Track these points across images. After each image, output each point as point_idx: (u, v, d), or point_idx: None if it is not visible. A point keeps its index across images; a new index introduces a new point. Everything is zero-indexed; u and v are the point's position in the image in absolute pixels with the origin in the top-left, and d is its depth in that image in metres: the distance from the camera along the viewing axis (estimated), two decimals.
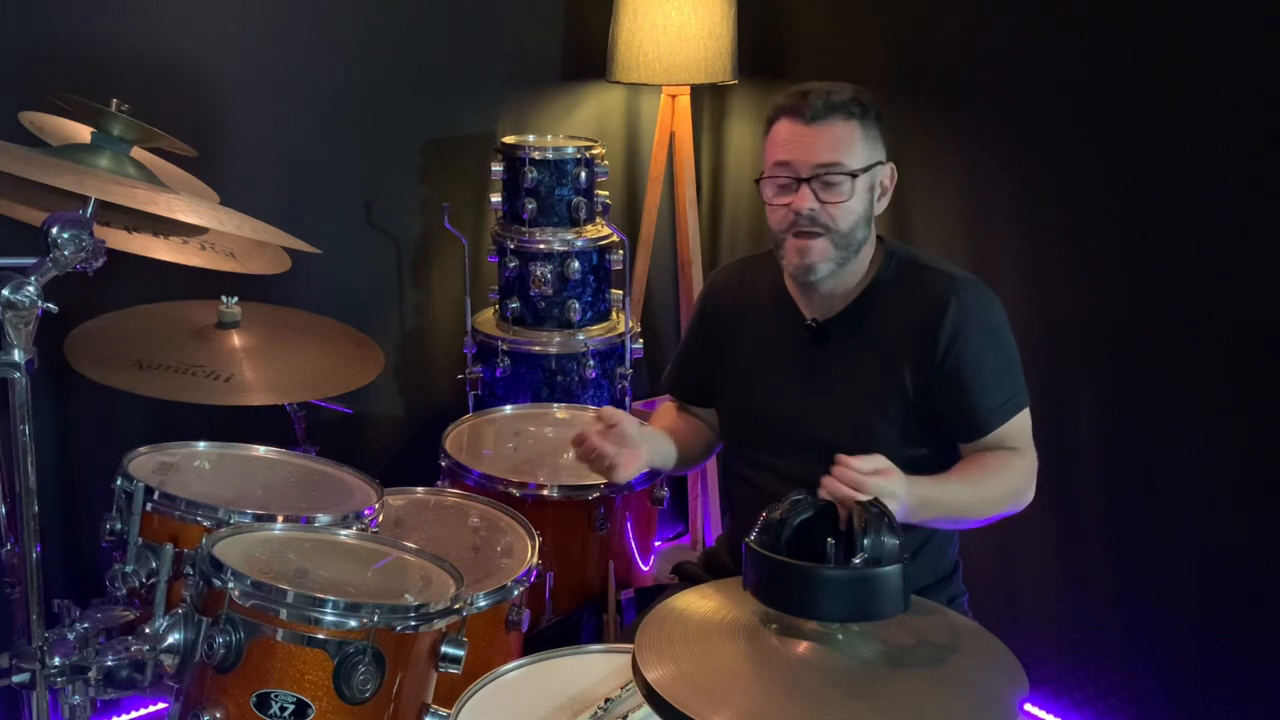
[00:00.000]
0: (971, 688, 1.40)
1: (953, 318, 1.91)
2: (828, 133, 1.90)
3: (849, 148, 1.91)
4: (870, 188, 1.95)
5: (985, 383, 1.91)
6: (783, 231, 1.94)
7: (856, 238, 1.94)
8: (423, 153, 3.08)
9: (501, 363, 2.87)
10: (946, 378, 1.92)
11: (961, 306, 1.92)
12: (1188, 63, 2.32)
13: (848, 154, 1.91)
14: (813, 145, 1.90)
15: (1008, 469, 1.92)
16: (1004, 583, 2.72)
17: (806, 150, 1.90)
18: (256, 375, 2.12)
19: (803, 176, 1.90)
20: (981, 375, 1.91)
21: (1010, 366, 1.96)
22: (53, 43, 2.48)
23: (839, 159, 1.90)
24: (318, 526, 1.89)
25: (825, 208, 1.90)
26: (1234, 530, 2.34)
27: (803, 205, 1.90)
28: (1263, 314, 2.26)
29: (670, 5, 2.97)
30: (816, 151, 1.90)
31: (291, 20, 2.79)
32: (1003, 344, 1.96)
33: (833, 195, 1.90)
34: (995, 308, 1.97)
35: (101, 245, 1.64)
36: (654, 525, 2.56)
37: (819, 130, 1.90)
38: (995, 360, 1.93)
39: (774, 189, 1.94)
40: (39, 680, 1.66)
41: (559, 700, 1.67)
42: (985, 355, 1.92)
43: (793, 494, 1.59)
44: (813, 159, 1.90)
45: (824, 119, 1.90)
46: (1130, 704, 2.56)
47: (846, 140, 1.91)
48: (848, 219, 1.91)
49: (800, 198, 1.90)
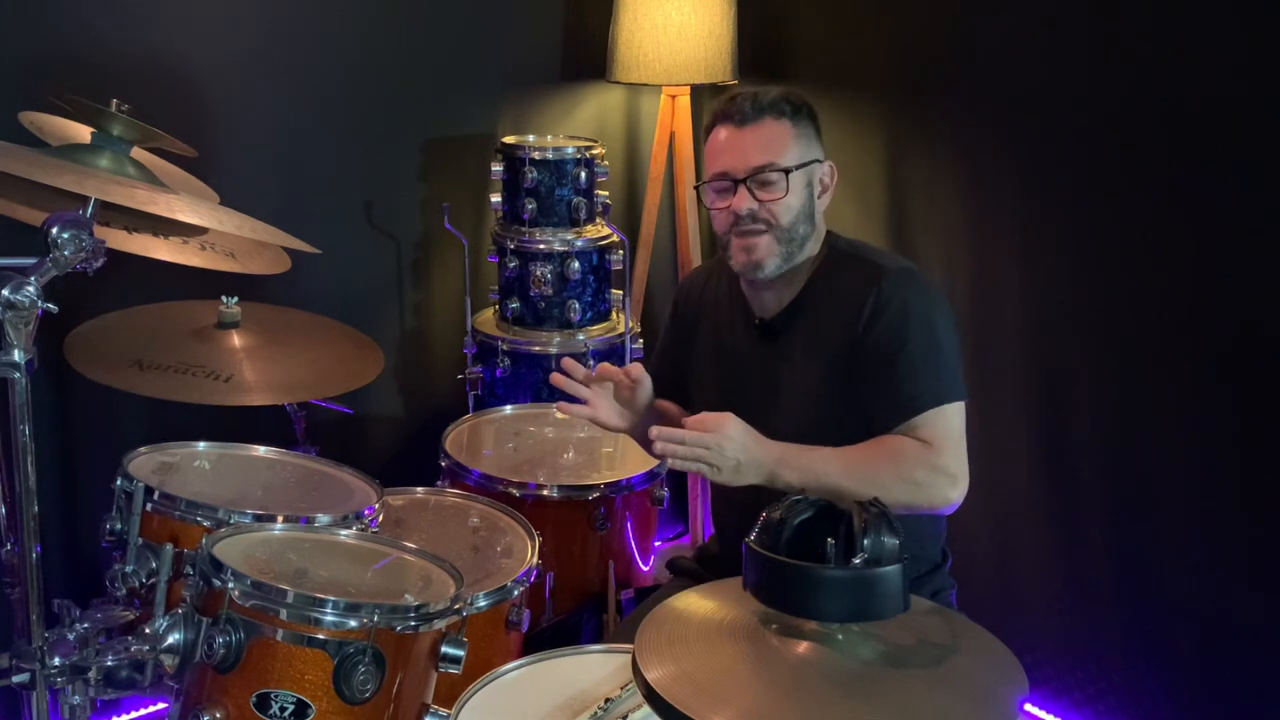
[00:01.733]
0: (971, 688, 1.40)
1: (874, 301, 1.91)
2: (759, 133, 1.95)
3: (782, 146, 1.95)
4: (807, 184, 1.98)
5: (904, 368, 1.88)
6: (726, 233, 1.98)
7: (799, 233, 1.97)
8: (423, 153, 3.08)
9: (501, 363, 2.87)
10: (867, 359, 1.91)
11: (884, 292, 1.91)
12: (1188, 63, 2.31)
13: (780, 153, 1.95)
14: (746, 147, 1.95)
15: (901, 456, 1.85)
16: (1003, 583, 2.72)
17: (740, 153, 1.95)
18: (256, 375, 2.12)
19: (739, 178, 1.95)
20: (900, 360, 1.89)
21: (936, 356, 1.91)
22: (53, 43, 2.48)
23: (771, 158, 1.94)
24: (318, 526, 1.89)
25: (763, 206, 1.94)
26: (1234, 530, 2.34)
27: (741, 206, 1.95)
28: (1263, 314, 2.26)
29: (670, 5, 2.97)
30: (749, 154, 1.95)
31: (292, 21, 2.80)
32: (930, 332, 1.91)
33: (769, 193, 1.95)
34: (924, 295, 1.94)
35: (101, 245, 1.64)
36: (654, 525, 2.56)
37: (751, 132, 1.95)
38: (917, 347, 1.89)
39: (713, 194, 1.99)
40: (39, 680, 1.66)
41: (559, 700, 1.67)
42: (906, 340, 1.89)
43: (792, 494, 1.59)
44: (747, 161, 1.95)
45: (754, 120, 1.96)
46: (1130, 704, 2.56)
47: (779, 139, 1.95)
48: (787, 215, 1.95)
49: (739, 199, 1.95)
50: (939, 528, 2.08)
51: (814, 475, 1.82)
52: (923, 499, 1.85)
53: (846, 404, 1.94)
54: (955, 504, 1.87)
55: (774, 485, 1.81)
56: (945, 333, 1.93)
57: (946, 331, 1.93)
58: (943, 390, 1.88)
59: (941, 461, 1.85)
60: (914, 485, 1.84)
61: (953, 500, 1.87)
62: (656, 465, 2.45)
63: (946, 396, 1.88)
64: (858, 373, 1.92)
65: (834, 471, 1.83)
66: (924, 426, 1.86)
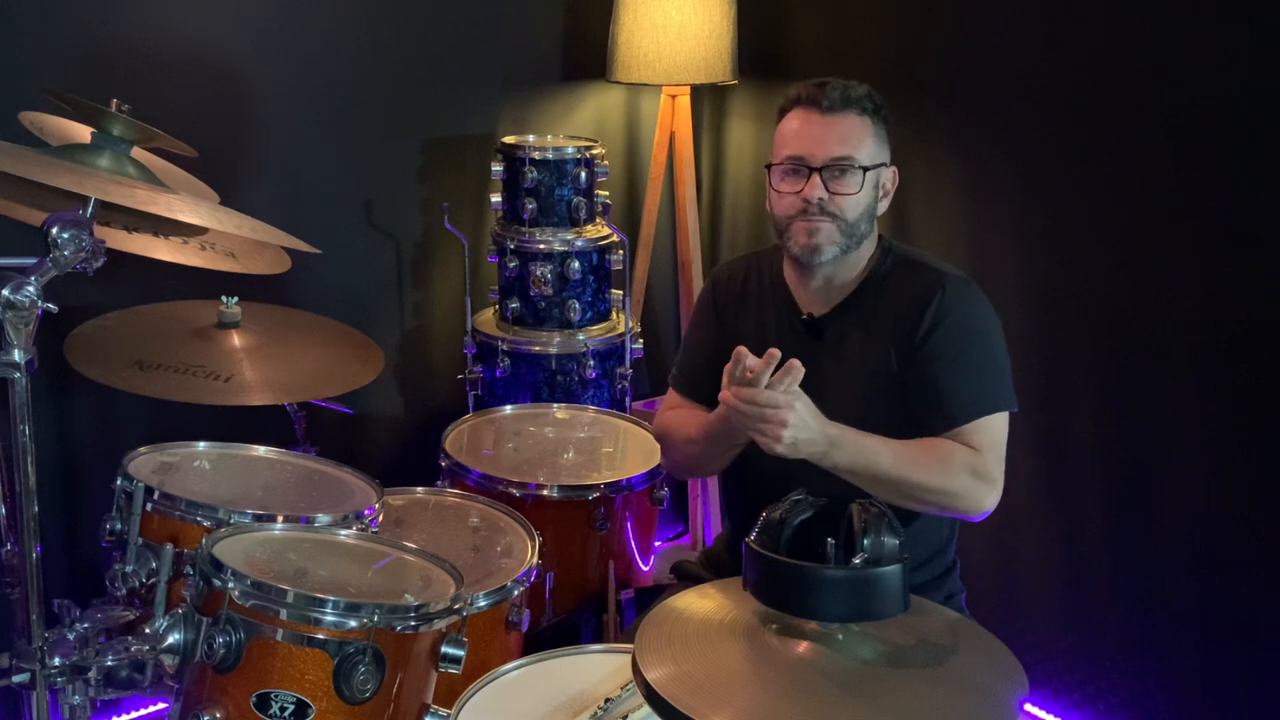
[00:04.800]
0: (971, 688, 1.40)
1: (935, 309, 1.93)
2: (842, 124, 1.94)
3: (861, 142, 1.95)
4: (876, 185, 1.98)
5: (958, 377, 1.92)
6: (790, 217, 1.96)
7: (860, 230, 1.97)
8: (423, 153, 3.08)
9: (501, 363, 2.87)
10: (921, 366, 1.93)
11: (945, 299, 1.94)
12: (1188, 62, 2.31)
13: (860, 148, 1.94)
14: (827, 136, 1.93)
15: (950, 459, 1.88)
16: (1004, 583, 2.72)
17: (820, 141, 1.93)
18: (256, 375, 2.12)
19: (815, 165, 1.93)
20: (955, 368, 1.92)
21: (988, 367, 1.95)
22: (53, 43, 2.48)
23: (851, 152, 1.94)
24: (318, 526, 1.89)
25: (834, 198, 1.93)
26: (1234, 530, 2.34)
27: (812, 193, 1.93)
28: (1263, 314, 2.26)
29: (670, 5, 2.97)
30: (830, 144, 1.93)
31: (292, 20, 2.80)
32: (984, 344, 1.96)
33: (842, 186, 1.94)
34: (981, 308, 1.98)
35: (101, 245, 1.64)
36: (654, 525, 2.56)
37: (833, 121, 1.94)
38: (971, 357, 1.93)
39: (782, 175, 1.97)
40: (39, 680, 1.65)
41: (559, 700, 1.67)
42: (961, 350, 1.93)
43: (793, 494, 1.60)
44: (826, 151, 1.93)
45: (839, 111, 1.94)
46: (1130, 704, 2.56)
47: (859, 134, 1.95)
48: (854, 210, 1.95)
49: (810, 186, 1.93)
50: (952, 532, 2.08)
51: (865, 461, 1.85)
52: (961, 504, 1.89)
53: (892, 406, 1.95)
54: (988, 512, 1.92)
55: (823, 464, 1.83)
56: (999, 344, 1.97)
57: (1000, 342, 1.98)
58: (994, 399, 1.92)
59: (986, 469, 1.89)
60: (956, 488, 1.88)
61: (987, 508, 1.91)
62: (656, 465, 2.45)
63: (998, 405, 1.92)
64: (908, 377, 1.94)
65: (884, 461, 1.85)
66: (973, 434, 1.90)
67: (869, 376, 1.97)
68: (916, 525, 1.94)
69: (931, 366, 1.93)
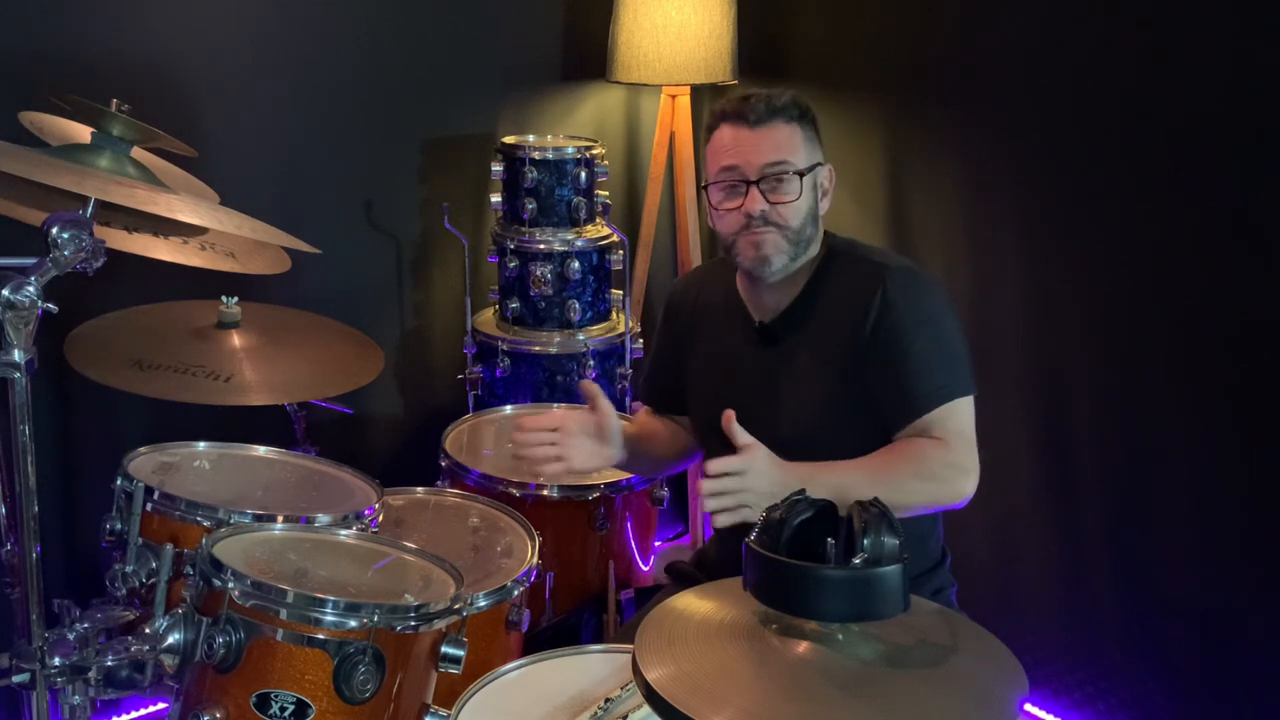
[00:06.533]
0: (971, 688, 1.40)
1: (879, 300, 1.91)
2: (772, 134, 1.95)
3: (793, 148, 1.95)
4: (815, 186, 1.99)
5: (915, 365, 1.89)
6: (735, 233, 1.97)
7: (805, 234, 1.97)
8: (423, 153, 3.08)
9: (501, 363, 2.87)
10: (876, 359, 1.91)
11: (889, 290, 1.92)
12: (1189, 62, 2.31)
13: (792, 154, 1.95)
14: (758, 147, 1.94)
15: (921, 458, 1.86)
16: (1004, 583, 2.72)
17: (752, 152, 1.94)
18: (256, 375, 2.12)
19: (751, 179, 1.94)
20: (910, 357, 1.90)
21: (945, 351, 1.92)
22: (53, 43, 2.48)
23: (785, 158, 1.94)
24: (318, 526, 1.89)
25: (775, 208, 1.93)
26: (1234, 530, 2.34)
27: (754, 207, 1.93)
28: (1263, 314, 2.26)
29: (670, 5, 2.97)
30: (762, 153, 1.94)
31: (292, 20, 2.80)
32: (937, 328, 1.93)
33: (781, 195, 1.94)
34: (929, 292, 1.96)
35: (101, 245, 1.64)
36: (654, 525, 2.56)
37: (763, 133, 1.94)
38: (927, 343, 1.91)
39: (722, 193, 1.97)
40: (39, 680, 1.66)
41: (559, 700, 1.67)
42: (915, 337, 1.90)
43: (793, 494, 1.59)
44: (760, 160, 1.94)
45: (767, 122, 1.95)
46: (1130, 704, 2.56)
47: (790, 141, 1.95)
48: (797, 217, 1.95)
49: (751, 200, 1.94)
50: (937, 525, 2.08)
51: (840, 490, 1.81)
52: (942, 496, 1.88)
53: (852, 405, 1.94)
54: (969, 496, 1.89)
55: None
56: (951, 328, 1.95)
57: (952, 326, 1.95)
58: (953, 386, 1.90)
59: (956, 457, 1.87)
60: (934, 483, 1.86)
61: (967, 493, 1.89)
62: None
63: (957, 391, 1.90)
64: (865, 373, 1.92)
65: (859, 483, 1.82)
66: (936, 423, 1.88)
67: (825, 379, 1.96)
68: None
69: (885, 359, 1.90)
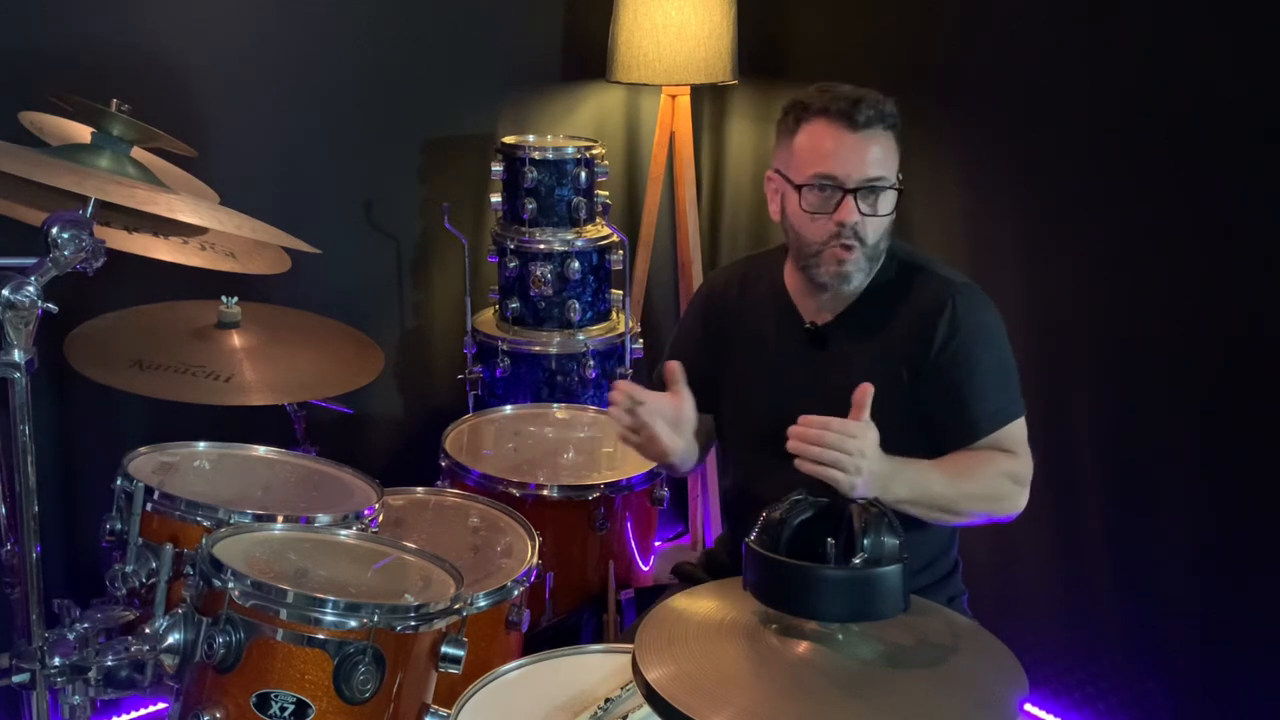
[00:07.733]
0: (971, 688, 1.40)
1: (948, 320, 1.90)
2: (875, 144, 1.87)
3: (892, 160, 1.90)
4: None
5: (978, 388, 1.90)
6: (823, 242, 1.90)
7: (881, 248, 1.94)
8: (423, 153, 3.08)
9: (501, 363, 2.87)
10: (939, 380, 1.91)
11: (958, 310, 1.91)
12: (1189, 63, 2.31)
13: (891, 167, 1.89)
14: (862, 156, 1.86)
15: (993, 466, 1.89)
16: (1004, 583, 2.72)
17: (856, 162, 1.86)
18: (256, 375, 2.12)
19: (849, 188, 1.87)
20: (974, 380, 1.90)
21: (1004, 374, 1.94)
22: (53, 43, 2.48)
23: (885, 173, 1.88)
24: (318, 526, 1.89)
25: (865, 220, 1.88)
26: (1234, 530, 2.34)
27: (849, 218, 1.86)
28: (1263, 314, 2.26)
29: (670, 5, 2.97)
30: (866, 164, 1.86)
31: (292, 20, 2.79)
32: (998, 352, 1.95)
33: (877, 208, 1.89)
34: (992, 315, 1.96)
35: (101, 245, 1.64)
36: (654, 525, 2.56)
37: (867, 140, 1.86)
38: (989, 366, 1.92)
39: (818, 199, 1.89)
40: (39, 680, 1.66)
41: (559, 700, 1.67)
42: (979, 360, 1.91)
43: (793, 494, 1.59)
44: (862, 172, 1.86)
45: (872, 128, 1.87)
46: (1130, 704, 2.56)
47: (890, 153, 1.89)
48: (877, 232, 1.90)
49: (846, 210, 1.86)
50: (953, 533, 2.07)
51: (921, 488, 1.83)
52: (1001, 509, 1.91)
53: (905, 416, 1.92)
54: (1020, 511, 1.93)
55: (884, 497, 1.74)
56: (1008, 349, 1.96)
57: (1008, 346, 1.97)
58: (1012, 408, 1.93)
59: (1022, 472, 1.91)
60: (1001, 494, 1.90)
61: (1021, 507, 1.93)
62: (656, 465, 2.44)
63: (1015, 413, 1.93)
64: (923, 390, 1.92)
65: (937, 484, 1.84)
66: (1001, 442, 1.91)
67: (880, 387, 1.90)
68: (919, 530, 1.93)
69: (949, 380, 1.90)
